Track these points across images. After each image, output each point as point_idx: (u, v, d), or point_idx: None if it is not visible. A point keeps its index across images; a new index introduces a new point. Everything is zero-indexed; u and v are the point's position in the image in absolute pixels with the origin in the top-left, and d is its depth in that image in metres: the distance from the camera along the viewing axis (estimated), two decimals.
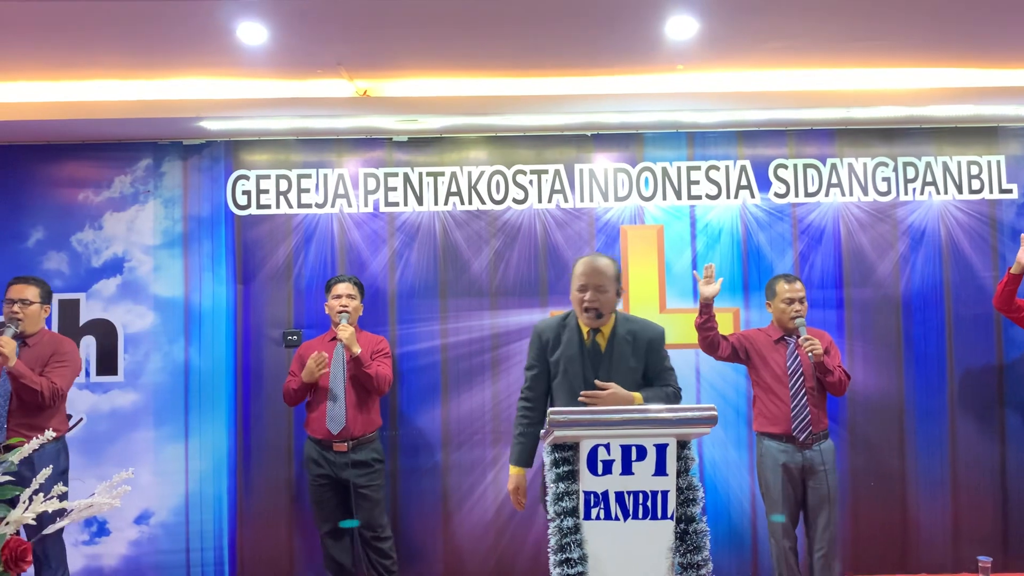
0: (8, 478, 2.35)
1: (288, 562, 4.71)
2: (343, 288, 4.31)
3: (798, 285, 4.11)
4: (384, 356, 4.32)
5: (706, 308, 4.00)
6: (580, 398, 3.06)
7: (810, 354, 3.88)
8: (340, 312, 4.23)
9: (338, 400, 4.19)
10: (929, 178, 4.86)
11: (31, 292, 4.02)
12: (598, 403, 3.02)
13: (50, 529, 2.32)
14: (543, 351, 3.22)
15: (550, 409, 2.62)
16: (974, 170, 4.86)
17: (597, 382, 3.09)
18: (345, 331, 4.14)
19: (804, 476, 3.98)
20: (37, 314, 4.04)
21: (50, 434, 2.44)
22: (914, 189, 4.86)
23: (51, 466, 2.49)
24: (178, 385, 4.76)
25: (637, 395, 3.09)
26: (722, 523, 4.65)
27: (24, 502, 2.22)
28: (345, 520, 4.24)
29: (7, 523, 2.17)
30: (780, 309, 4.10)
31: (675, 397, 3.19)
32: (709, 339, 4.05)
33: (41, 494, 2.21)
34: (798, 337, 4.01)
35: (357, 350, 4.13)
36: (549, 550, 2.61)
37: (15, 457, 2.32)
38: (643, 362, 3.18)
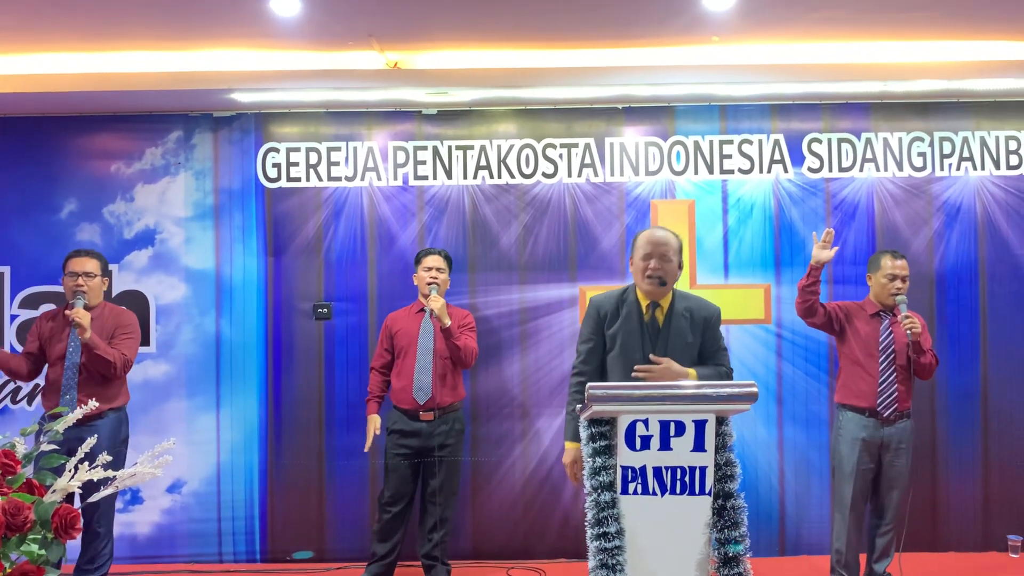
0: (54, 447, 2.38)
1: (318, 532, 4.76)
2: (433, 261, 4.31)
3: (902, 262, 4.02)
4: (470, 330, 4.34)
5: (815, 271, 3.95)
6: (634, 372, 3.04)
7: (908, 332, 3.83)
8: (429, 284, 4.25)
9: (425, 371, 4.22)
10: (966, 153, 4.78)
11: (92, 264, 4.06)
12: (652, 377, 3.00)
13: (93, 498, 2.35)
14: (600, 324, 3.18)
15: (588, 384, 2.62)
16: (1012, 145, 4.78)
17: (652, 356, 3.07)
18: (436, 302, 4.15)
19: (881, 452, 3.96)
20: (99, 286, 4.08)
21: (93, 404, 2.50)
22: (950, 164, 4.79)
23: (110, 436, 2.52)
24: (209, 356, 4.80)
25: (692, 371, 3.06)
26: (750, 500, 4.60)
27: (70, 471, 2.24)
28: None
29: (54, 491, 2.19)
30: (881, 284, 4.02)
31: (727, 377, 3.16)
32: (809, 303, 4.00)
33: (86, 463, 2.23)
34: (895, 314, 3.97)
35: (447, 321, 4.15)
36: (586, 524, 2.62)
37: (60, 426, 2.34)
38: (699, 339, 3.15)
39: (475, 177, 4.84)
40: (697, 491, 2.59)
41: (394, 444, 4.28)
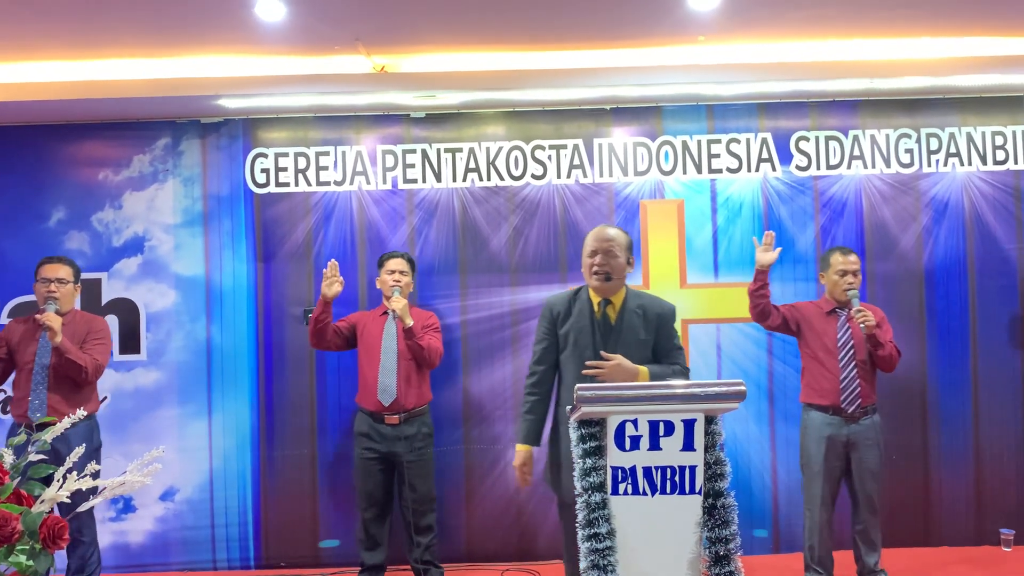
0: (41, 456, 2.37)
1: (312, 537, 4.75)
2: (395, 264, 4.33)
3: (852, 257, 4.03)
4: (434, 330, 4.34)
5: (761, 275, 3.97)
6: (584, 370, 3.04)
7: (862, 325, 3.84)
8: (393, 286, 4.26)
9: (389, 372, 4.22)
10: (953, 149, 4.80)
11: (64, 271, 4.05)
12: (602, 374, 2.99)
13: (84, 507, 2.33)
14: (553, 324, 3.21)
15: (578, 385, 2.62)
16: (999, 140, 4.80)
17: (603, 353, 3.07)
18: (399, 302, 4.16)
19: (848, 449, 3.96)
20: (71, 293, 4.06)
21: (82, 412, 2.47)
22: (937, 160, 4.81)
23: (84, 444, 2.51)
24: (200, 363, 4.79)
25: (643, 369, 3.05)
26: (743, 498, 4.64)
27: (58, 480, 2.23)
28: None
29: (42, 501, 2.18)
30: (833, 281, 4.04)
31: (683, 375, 3.14)
32: (761, 307, 4.01)
33: (75, 472, 2.22)
34: (850, 309, 3.98)
35: (410, 322, 4.15)
36: (577, 525, 2.62)
37: (48, 436, 2.33)
38: (653, 337, 3.15)
39: (464, 180, 4.84)
40: (687, 490, 2.59)
41: (362, 448, 4.28)
